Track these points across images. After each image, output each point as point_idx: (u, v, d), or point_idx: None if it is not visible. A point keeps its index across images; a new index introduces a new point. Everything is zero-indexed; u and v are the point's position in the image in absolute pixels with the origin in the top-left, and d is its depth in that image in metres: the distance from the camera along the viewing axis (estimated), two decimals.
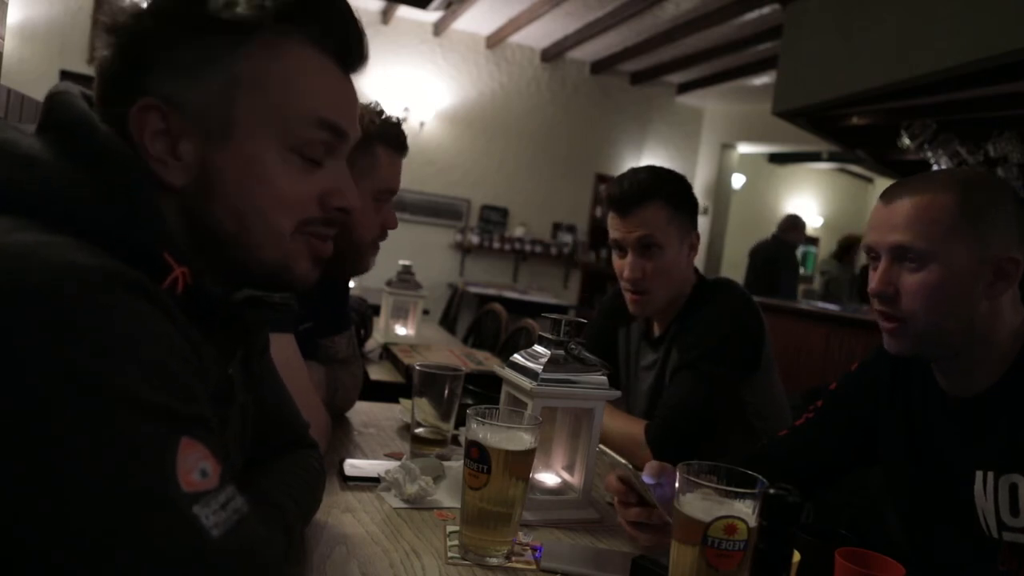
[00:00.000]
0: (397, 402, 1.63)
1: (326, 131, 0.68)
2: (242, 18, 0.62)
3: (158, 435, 0.49)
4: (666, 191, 1.57)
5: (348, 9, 0.69)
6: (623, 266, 1.60)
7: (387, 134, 1.29)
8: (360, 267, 1.31)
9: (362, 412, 1.54)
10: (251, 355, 0.79)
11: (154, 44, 0.62)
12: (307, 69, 0.67)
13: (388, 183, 1.30)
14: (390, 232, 1.33)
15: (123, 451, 0.47)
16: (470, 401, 1.49)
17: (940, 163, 4.47)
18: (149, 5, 0.63)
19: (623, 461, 0.98)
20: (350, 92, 0.72)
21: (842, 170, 9.75)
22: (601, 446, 1.05)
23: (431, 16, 6.49)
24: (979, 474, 1.00)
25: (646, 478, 0.97)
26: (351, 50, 0.71)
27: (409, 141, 1.35)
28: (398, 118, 1.33)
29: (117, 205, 0.57)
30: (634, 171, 1.62)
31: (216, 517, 0.50)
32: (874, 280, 1.05)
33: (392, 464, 1.14)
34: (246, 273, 0.69)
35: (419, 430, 1.30)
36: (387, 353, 2.42)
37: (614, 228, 1.61)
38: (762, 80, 6.58)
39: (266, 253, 0.67)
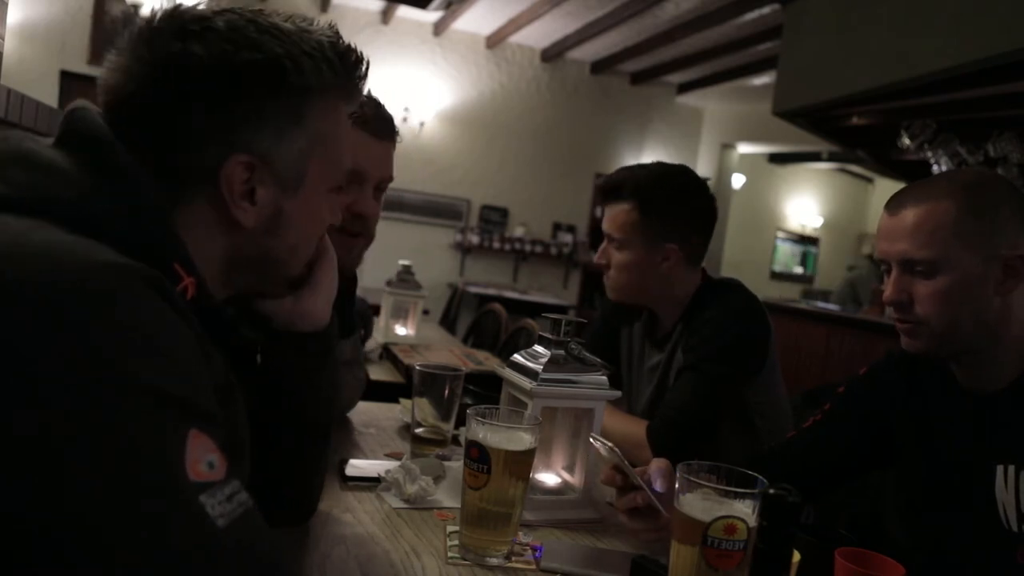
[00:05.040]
0: (397, 402, 1.63)
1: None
2: (326, 86, 0.71)
3: (169, 424, 0.50)
4: (639, 196, 1.55)
5: (368, 68, 0.79)
6: None
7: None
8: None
9: (362, 412, 1.54)
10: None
11: (241, 104, 0.67)
12: (346, 127, 0.78)
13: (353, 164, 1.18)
14: (391, 232, 1.28)
15: (135, 438, 0.48)
16: (470, 401, 1.49)
17: (940, 163, 4.47)
18: (225, 61, 0.66)
19: (610, 445, 0.98)
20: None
21: (842, 170, 9.75)
22: (595, 436, 1.05)
23: (431, 16, 6.49)
24: (1000, 468, 1.02)
25: (655, 485, 0.98)
26: (357, 99, 0.80)
27: (409, 141, 1.32)
28: (377, 101, 1.24)
29: (133, 216, 0.61)
30: (628, 167, 1.63)
31: (222, 508, 0.51)
32: (888, 289, 1.08)
33: (392, 464, 1.14)
34: (271, 286, 0.80)
35: (419, 430, 1.30)
36: (387, 353, 2.42)
37: None
38: (762, 80, 6.58)
39: (294, 270, 0.79)
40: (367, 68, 0.77)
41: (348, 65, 0.74)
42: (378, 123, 1.24)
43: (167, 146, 0.66)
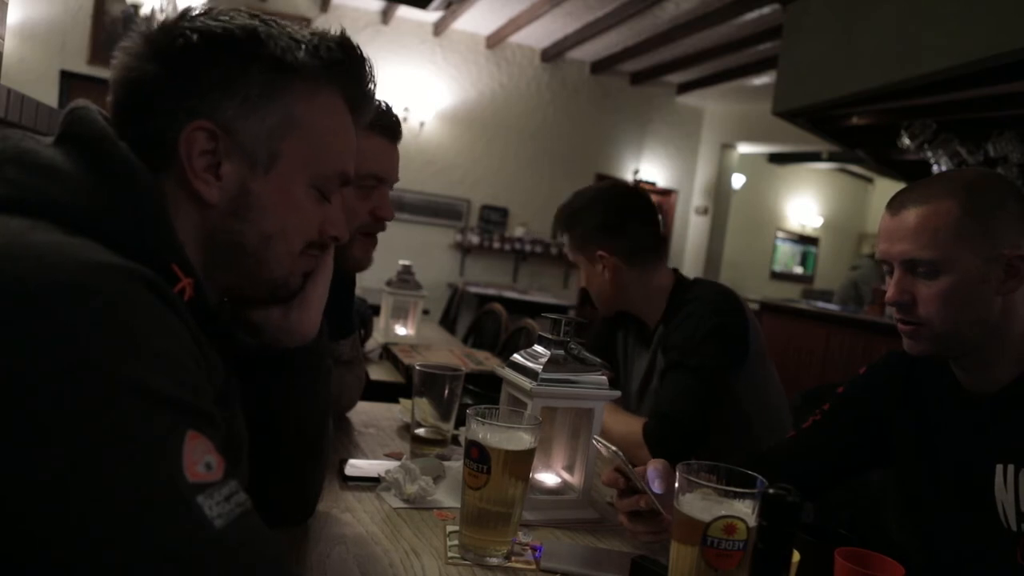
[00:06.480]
0: (397, 402, 1.63)
1: (342, 180, 0.77)
2: (303, 65, 0.69)
3: (167, 425, 0.50)
4: (566, 224, 1.72)
5: (372, 70, 0.78)
6: None
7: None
8: (347, 260, 1.22)
9: (362, 412, 1.54)
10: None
11: (212, 71, 0.67)
12: (341, 124, 0.76)
13: (370, 168, 1.21)
14: (390, 232, 1.29)
15: (133, 438, 0.48)
16: (470, 401, 1.49)
17: (940, 163, 4.47)
18: (206, 33, 0.67)
19: (614, 448, 0.98)
20: (355, 142, 0.80)
21: (842, 170, 9.75)
22: (598, 438, 1.05)
23: (431, 16, 6.49)
24: (1000, 467, 1.01)
25: (653, 486, 0.97)
26: (367, 107, 0.80)
27: (409, 141, 1.32)
28: (387, 104, 1.26)
29: (132, 216, 0.61)
30: (571, 197, 1.75)
31: (219, 508, 0.51)
32: (890, 289, 1.07)
33: (392, 464, 1.14)
34: (251, 286, 0.74)
35: (419, 430, 1.30)
36: (387, 353, 2.43)
37: None
38: (762, 80, 6.58)
39: (275, 270, 0.74)
40: (363, 61, 0.76)
41: (334, 52, 0.72)
42: (392, 126, 1.27)
43: (145, 118, 0.66)
